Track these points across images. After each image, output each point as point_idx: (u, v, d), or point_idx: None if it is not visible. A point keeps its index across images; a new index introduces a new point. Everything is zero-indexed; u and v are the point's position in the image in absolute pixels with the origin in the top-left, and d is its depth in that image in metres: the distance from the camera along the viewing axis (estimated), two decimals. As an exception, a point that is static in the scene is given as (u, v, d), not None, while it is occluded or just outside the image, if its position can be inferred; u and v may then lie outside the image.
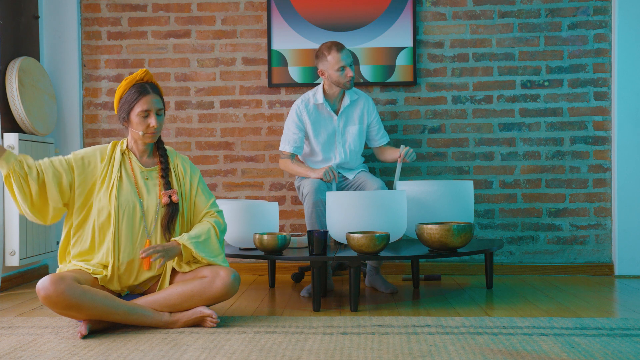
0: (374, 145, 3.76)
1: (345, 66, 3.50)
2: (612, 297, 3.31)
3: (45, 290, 2.39)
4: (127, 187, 2.67)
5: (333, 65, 3.50)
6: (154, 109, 2.67)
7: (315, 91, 3.64)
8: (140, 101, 2.65)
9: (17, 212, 3.48)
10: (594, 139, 4.00)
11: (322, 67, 3.56)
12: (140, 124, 2.67)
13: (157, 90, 2.72)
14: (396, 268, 4.05)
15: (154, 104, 2.67)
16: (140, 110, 2.65)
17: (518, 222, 4.03)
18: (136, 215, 2.66)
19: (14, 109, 3.61)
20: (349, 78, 3.51)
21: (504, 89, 4.03)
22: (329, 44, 3.53)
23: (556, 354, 2.20)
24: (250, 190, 4.11)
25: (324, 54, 3.53)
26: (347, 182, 3.66)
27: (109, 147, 2.73)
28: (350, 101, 3.63)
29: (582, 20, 3.99)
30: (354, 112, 3.67)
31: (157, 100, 2.69)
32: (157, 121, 2.67)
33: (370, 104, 3.71)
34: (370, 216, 3.07)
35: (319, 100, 3.59)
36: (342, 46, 3.53)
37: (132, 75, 2.70)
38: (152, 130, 2.68)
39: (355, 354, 2.20)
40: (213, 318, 2.59)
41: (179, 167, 2.80)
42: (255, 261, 4.08)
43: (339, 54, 3.49)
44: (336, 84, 3.55)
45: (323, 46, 3.55)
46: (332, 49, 3.50)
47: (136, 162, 2.73)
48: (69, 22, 4.09)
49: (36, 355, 2.23)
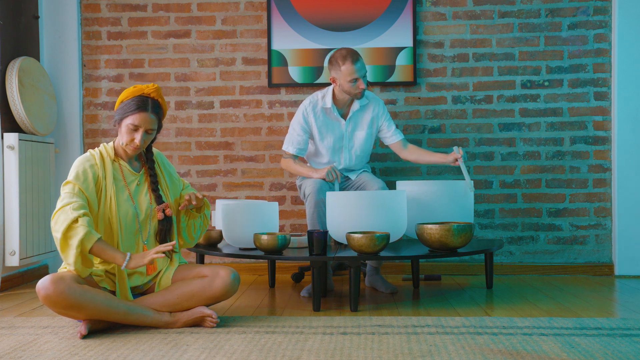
0: (388, 142, 3.67)
1: (358, 78, 3.41)
2: (612, 297, 3.31)
3: (46, 290, 2.39)
4: (123, 196, 2.66)
5: (346, 76, 3.40)
6: (143, 127, 2.63)
7: (325, 94, 3.56)
8: (134, 115, 2.61)
9: (17, 212, 3.48)
10: (594, 139, 4.00)
11: (334, 75, 3.46)
12: (126, 134, 2.64)
13: (158, 110, 2.67)
14: (396, 268, 4.05)
15: (145, 123, 2.62)
16: (130, 123, 2.62)
17: (518, 222, 4.03)
18: (135, 223, 2.66)
19: (14, 109, 3.61)
20: (360, 90, 3.43)
21: (504, 89, 4.03)
22: (344, 53, 3.42)
23: (556, 354, 2.20)
24: (250, 190, 4.11)
25: (338, 62, 3.42)
26: (349, 183, 3.65)
27: (96, 157, 2.66)
28: (359, 106, 3.56)
29: (582, 20, 3.99)
30: (363, 118, 3.60)
31: (152, 120, 2.64)
32: (141, 139, 2.63)
33: (380, 107, 3.62)
34: (370, 216, 3.07)
35: (327, 105, 3.52)
36: (357, 57, 3.41)
37: (141, 86, 2.67)
38: (134, 146, 2.64)
39: (355, 354, 2.20)
40: (213, 318, 2.59)
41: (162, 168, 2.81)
42: (255, 261, 4.08)
43: (353, 66, 3.38)
44: (347, 93, 3.47)
45: (338, 54, 3.44)
46: (347, 59, 3.39)
47: (126, 167, 2.71)
48: (69, 22, 4.09)
49: (36, 355, 2.24)
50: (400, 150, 3.66)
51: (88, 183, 2.58)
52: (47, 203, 3.81)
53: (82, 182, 2.57)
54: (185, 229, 2.82)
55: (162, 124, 2.74)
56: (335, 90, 3.53)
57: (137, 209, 2.67)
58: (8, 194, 3.49)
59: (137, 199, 2.69)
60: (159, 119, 2.69)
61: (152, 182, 2.73)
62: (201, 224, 2.85)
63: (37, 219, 3.69)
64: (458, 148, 3.44)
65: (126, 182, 2.69)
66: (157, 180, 2.74)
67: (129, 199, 2.67)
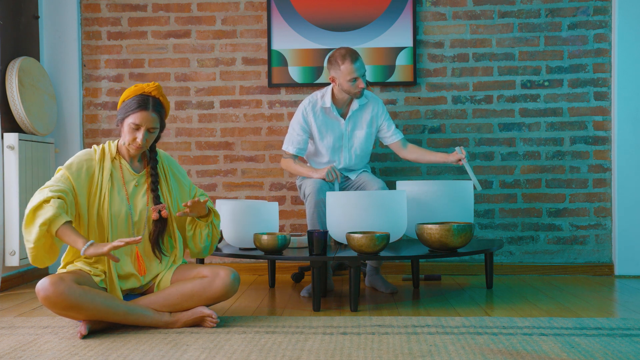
0: (388, 142, 3.68)
1: (358, 77, 3.42)
2: (612, 297, 3.31)
3: (45, 291, 2.39)
4: (118, 195, 2.65)
5: (345, 76, 3.41)
6: (145, 126, 2.63)
7: (324, 93, 3.57)
8: (136, 114, 2.62)
9: (17, 212, 3.48)
10: (594, 139, 4.00)
11: (333, 74, 3.47)
12: (128, 134, 2.64)
13: (159, 108, 2.67)
14: (396, 268, 4.05)
15: (146, 121, 2.62)
16: (132, 122, 2.62)
17: (518, 222, 4.03)
18: (128, 223, 2.66)
19: (14, 109, 3.61)
20: (359, 89, 3.45)
21: (504, 89, 4.03)
22: (343, 52, 3.43)
23: (556, 354, 2.20)
24: (250, 190, 4.11)
25: (337, 62, 3.43)
26: (349, 183, 3.65)
27: (98, 153, 2.68)
28: (359, 106, 3.57)
29: (582, 20, 3.99)
30: (363, 117, 3.61)
31: (153, 118, 2.64)
32: (143, 137, 2.62)
33: (379, 106, 3.63)
34: (370, 216, 3.07)
35: (326, 104, 3.53)
36: (356, 56, 3.43)
37: (142, 85, 2.67)
38: (136, 145, 2.64)
39: (355, 354, 2.20)
40: (213, 318, 2.59)
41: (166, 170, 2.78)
42: (255, 261, 4.08)
43: (353, 65, 3.40)
44: (346, 93, 3.48)
45: (337, 53, 3.46)
46: (346, 58, 3.40)
47: (126, 166, 2.71)
48: (69, 22, 4.09)
49: (36, 355, 2.24)
50: (400, 150, 3.66)
51: (80, 174, 2.60)
52: (47, 203, 3.81)
53: (72, 172, 2.59)
54: (192, 237, 2.79)
55: (165, 123, 2.74)
56: (334, 90, 3.53)
57: (131, 209, 2.67)
58: (8, 194, 3.49)
59: (133, 200, 2.68)
60: (160, 118, 2.68)
61: (152, 182, 2.72)
62: (209, 233, 2.79)
63: (37, 219, 3.68)
64: (460, 148, 3.44)
65: (124, 182, 2.69)
66: (157, 180, 2.73)
67: (124, 198, 2.66)
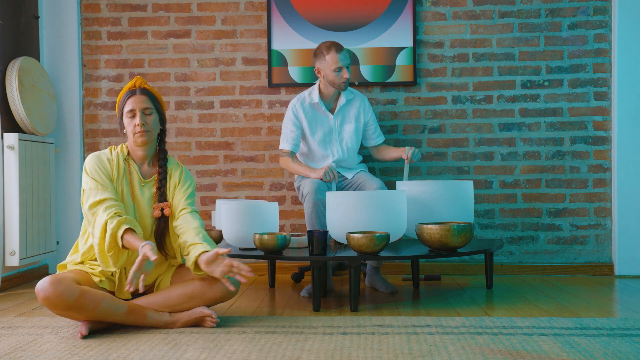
0: (369, 144, 3.80)
1: (342, 67, 3.53)
2: (612, 297, 3.31)
3: (45, 291, 2.39)
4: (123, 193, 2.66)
5: (330, 65, 3.52)
6: (138, 108, 2.66)
7: (311, 90, 3.66)
8: (126, 103, 2.67)
9: (17, 212, 3.48)
10: (594, 139, 4.00)
11: (319, 65, 3.58)
12: (128, 125, 2.68)
13: (146, 92, 2.71)
14: (396, 268, 4.05)
15: (137, 103, 2.66)
16: (126, 112, 2.67)
17: (518, 222, 4.03)
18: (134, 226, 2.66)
19: (14, 109, 3.61)
20: (344, 79, 3.54)
21: (504, 89, 4.03)
22: (328, 44, 3.56)
23: (556, 354, 2.19)
24: (250, 190, 4.11)
25: (322, 52, 3.55)
26: (346, 182, 3.66)
27: (113, 155, 2.70)
28: (346, 100, 3.67)
29: (582, 20, 3.99)
30: (350, 111, 3.69)
31: (143, 98, 2.68)
32: (140, 119, 2.65)
33: (365, 103, 3.74)
34: (370, 216, 3.07)
35: (314, 100, 3.63)
36: (341, 47, 3.55)
37: (127, 84, 2.74)
38: (138, 130, 2.65)
39: (355, 354, 2.20)
40: (213, 318, 2.59)
41: (174, 178, 2.76)
42: (255, 261, 4.08)
43: (337, 55, 3.51)
44: (331, 84, 3.58)
45: (322, 45, 3.57)
46: (331, 48, 3.53)
47: (135, 170, 2.71)
48: (69, 22, 4.09)
49: (36, 355, 2.24)
50: (380, 151, 3.80)
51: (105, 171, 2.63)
52: (47, 203, 3.81)
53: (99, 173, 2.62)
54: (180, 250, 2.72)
55: (163, 114, 2.76)
56: (320, 85, 3.64)
57: (134, 211, 2.67)
58: (8, 194, 3.49)
59: (139, 204, 2.69)
60: (152, 100, 2.70)
61: (159, 180, 2.72)
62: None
63: (37, 219, 3.69)
64: (409, 148, 3.54)
65: (132, 184, 2.69)
66: (165, 177, 2.73)
67: (128, 197, 2.67)
